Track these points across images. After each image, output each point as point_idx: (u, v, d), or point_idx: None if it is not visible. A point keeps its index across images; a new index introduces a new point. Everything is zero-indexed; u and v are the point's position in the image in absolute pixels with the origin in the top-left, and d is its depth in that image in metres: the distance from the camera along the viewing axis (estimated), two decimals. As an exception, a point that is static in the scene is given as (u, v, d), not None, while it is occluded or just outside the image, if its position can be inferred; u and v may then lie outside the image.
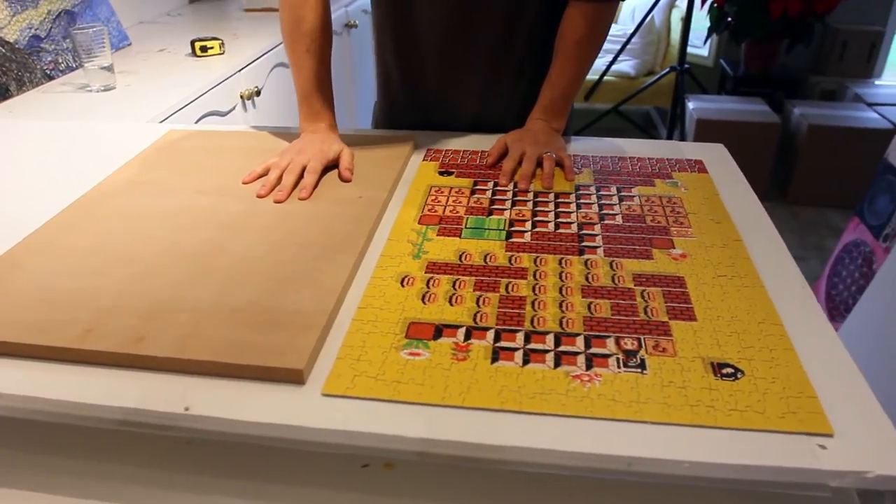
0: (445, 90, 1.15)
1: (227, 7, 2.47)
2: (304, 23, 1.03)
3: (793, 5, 2.98)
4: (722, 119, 2.92)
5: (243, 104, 1.72)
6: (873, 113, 3.04)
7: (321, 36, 1.04)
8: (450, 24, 1.08)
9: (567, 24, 1.05)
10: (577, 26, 1.04)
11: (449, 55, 1.12)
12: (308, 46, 1.03)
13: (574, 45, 1.04)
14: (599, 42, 1.07)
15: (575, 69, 1.06)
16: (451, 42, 1.10)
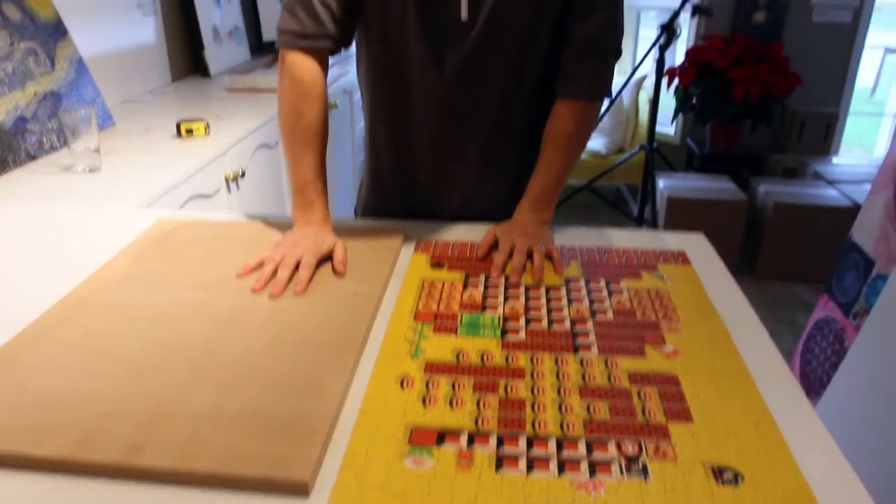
0: (436, 179, 1.18)
1: (209, 86, 2.52)
2: (303, 118, 1.06)
3: (753, 89, 3.14)
4: (692, 197, 3.02)
5: (227, 186, 1.73)
6: (833, 191, 3.17)
7: (319, 131, 1.07)
8: (443, 116, 1.12)
9: (556, 119, 1.10)
10: (566, 122, 1.09)
11: (441, 146, 1.15)
12: (306, 140, 1.06)
13: (562, 140, 1.09)
14: (586, 136, 1.12)
15: (563, 163, 1.10)
16: (445, 133, 1.14)
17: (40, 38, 1.79)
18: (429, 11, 1.04)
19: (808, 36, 3.60)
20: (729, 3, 3.56)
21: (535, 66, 1.10)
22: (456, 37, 1.05)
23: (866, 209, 2.21)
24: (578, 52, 1.07)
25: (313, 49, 1.07)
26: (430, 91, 1.10)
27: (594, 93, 1.09)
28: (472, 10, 1.03)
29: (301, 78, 1.06)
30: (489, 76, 1.09)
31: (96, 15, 2.11)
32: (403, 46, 1.08)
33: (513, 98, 1.11)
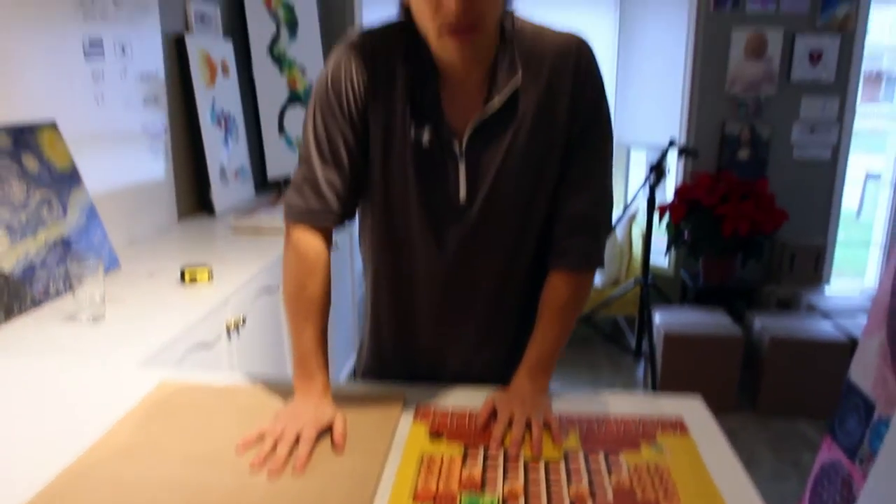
0: (436, 346, 1.21)
1: (214, 225, 2.59)
2: (306, 290, 1.10)
3: (742, 225, 3.24)
4: (688, 333, 3.04)
5: (228, 334, 1.75)
6: (828, 324, 3.19)
7: (322, 303, 1.11)
8: (444, 289, 1.16)
9: (550, 290, 1.14)
10: (560, 293, 1.13)
11: (442, 316, 1.19)
12: (308, 313, 1.10)
13: (558, 309, 1.13)
14: (581, 306, 1.16)
15: (558, 332, 1.13)
16: (445, 305, 1.18)
17: (55, 186, 1.87)
18: (429, 193, 1.10)
19: (791, 171, 3.75)
20: (713, 143, 3.74)
21: (531, 240, 1.15)
22: (455, 217, 1.11)
23: (862, 350, 2.22)
24: (570, 226, 1.12)
25: (318, 225, 1.12)
26: (431, 266, 1.15)
27: (587, 264, 1.14)
28: (471, 192, 1.10)
29: (305, 253, 1.11)
30: (487, 253, 1.14)
31: (108, 152, 2.20)
32: (405, 224, 1.13)
33: (510, 272, 1.16)
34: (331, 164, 1.11)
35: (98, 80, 2.12)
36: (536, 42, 1.09)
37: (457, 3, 0.95)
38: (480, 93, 1.09)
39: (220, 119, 2.87)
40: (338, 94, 1.09)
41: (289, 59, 3.33)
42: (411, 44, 1.08)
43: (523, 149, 1.09)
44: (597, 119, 1.11)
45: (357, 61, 1.09)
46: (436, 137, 1.08)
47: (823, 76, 3.61)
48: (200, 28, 2.78)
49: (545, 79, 1.08)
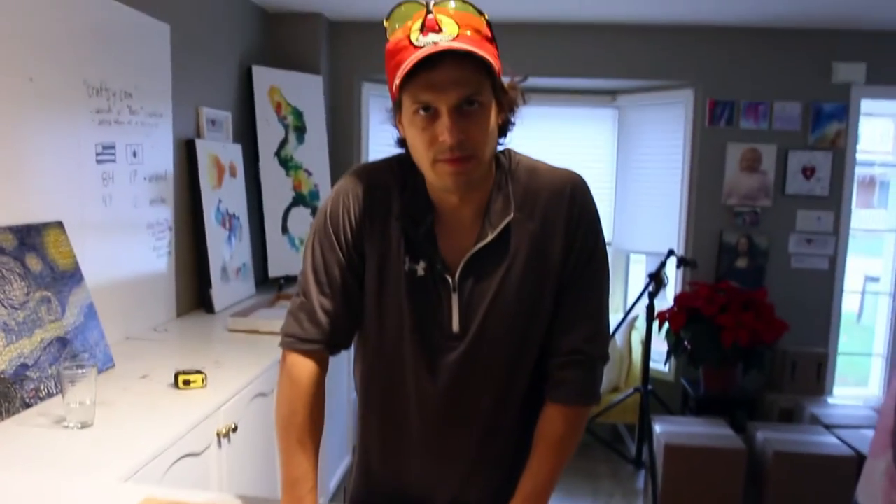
0: (425, 479, 1.18)
1: (212, 324, 2.58)
2: (297, 416, 1.10)
3: (742, 336, 3.22)
4: (689, 444, 2.97)
5: (218, 442, 1.71)
6: (832, 437, 3.12)
7: (314, 429, 1.11)
8: (435, 420, 1.14)
9: (546, 422, 1.12)
10: (556, 426, 1.11)
11: (432, 448, 1.17)
12: (299, 439, 1.09)
13: (553, 442, 1.11)
14: (577, 439, 1.14)
15: (553, 464, 1.11)
16: (436, 436, 1.16)
17: (56, 286, 1.87)
18: (422, 322, 1.11)
19: (790, 281, 3.77)
20: (712, 252, 3.78)
21: (526, 371, 1.14)
22: (448, 346, 1.11)
23: (868, 472, 2.16)
24: (565, 360, 1.12)
25: (312, 352, 1.13)
26: (423, 396, 1.14)
27: (583, 398, 1.13)
28: (464, 322, 1.10)
29: (299, 379, 1.12)
30: (480, 383, 1.13)
31: (112, 249, 2.22)
32: (398, 353, 1.13)
33: (504, 402, 1.15)
34: (327, 293, 1.13)
35: (108, 182, 2.17)
36: (532, 180, 1.12)
37: (451, 135, 0.98)
38: (474, 227, 1.11)
39: (225, 218, 2.91)
40: (335, 227, 1.13)
41: (295, 163, 3.41)
42: (408, 178, 1.12)
43: (517, 283, 1.10)
44: (592, 258, 1.12)
45: (354, 196, 1.13)
46: (430, 269, 1.10)
47: (817, 190, 3.70)
48: (211, 132, 2.87)
49: (539, 217, 1.10)
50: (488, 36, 1.04)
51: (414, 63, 0.97)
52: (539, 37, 3.71)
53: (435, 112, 1.00)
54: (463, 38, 0.99)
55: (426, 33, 0.98)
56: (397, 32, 1.03)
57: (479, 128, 1.02)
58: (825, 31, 3.61)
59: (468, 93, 1.00)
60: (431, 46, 0.97)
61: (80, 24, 2.00)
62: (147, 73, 2.37)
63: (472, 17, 1.02)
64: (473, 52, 0.98)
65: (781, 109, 3.67)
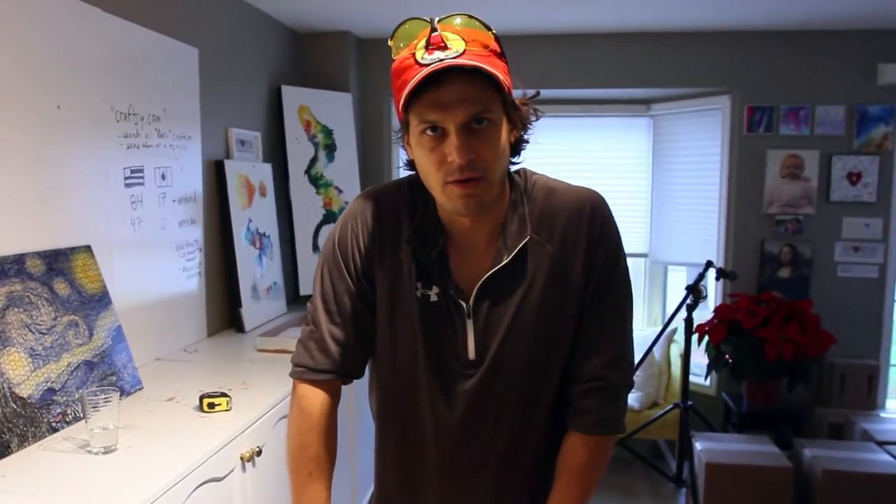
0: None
1: (242, 343, 2.59)
2: (308, 449, 1.09)
3: (786, 349, 3.10)
4: (732, 463, 2.86)
5: (242, 466, 1.70)
6: (885, 454, 2.98)
7: (324, 463, 1.09)
8: (453, 451, 1.11)
9: (568, 451, 1.08)
10: (579, 455, 1.07)
11: (450, 480, 1.13)
12: (310, 472, 1.08)
13: (576, 472, 1.07)
14: (601, 470, 1.09)
15: (577, 495, 1.07)
16: (454, 467, 1.12)
17: (84, 310, 1.89)
18: (437, 349, 1.08)
19: (837, 290, 3.62)
20: (754, 262, 3.66)
21: (547, 399, 1.10)
22: (464, 374, 1.08)
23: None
24: (586, 388, 1.08)
25: (323, 382, 1.11)
26: (439, 425, 1.10)
27: (606, 427, 1.08)
28: (480, 349, 1.06)
29: (309, 411, 1.10)
30: (499, 411, 1.09)
31: (142, 271, 2.24)
32: (413, 381, 1.10)
33: (524, 431, 1.10)
34: (337, 322, 1.11)
35: (136, 206, 2.20)
36: (549, 199, 1.08)
37: (460, 155, 0.95)
38: (489, 250, 1.07)
39: (255, 238, 2.93)
40: (344, 254, 1.11)
41: (325, 180, 3.43)
42: (418, 200, 1.09)
43: (535, 308, 1.05)
44: (613, 279, 1.08)
45: (363, 221, 1.10)
46: (443, 294, 1.06)
47: (864, 196, 3.55)
48: (241, 152, 2.90)
49: (558, 238, 1.06)
50: (497, 51, 1.00)
51: (419, 81, 0.93)
52: (572, 47, 3.66)
53: (443, 132, 0.96)
54: (470, 54, 0.95)
55: (431, 51, 0.95)
56: (403, 51, 1.00)
57: (490, 146, 0.98)
58: (869, 32, 3.47)
59: (477, 110, 0.96)
60: (437, 63, 0.93)
61: (107, 51, 2.03)
62: (175, 96, 2.40)
63: (479, 32, 0.98)
64: (480, 67, 0.94)
65: (824, 114, 3.54)
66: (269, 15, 3.20)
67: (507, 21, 3.34)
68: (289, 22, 3.40)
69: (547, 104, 1.08)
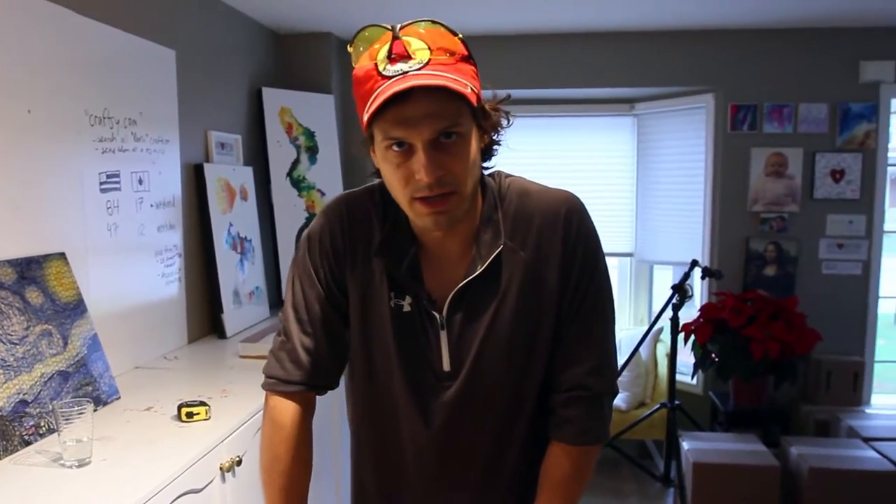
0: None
1: (223, 350, 2.55)
2: (279, 462, 1.06)
3: (772, 347, 3.10)
4: (719, 462, 2.85)
5: (222, 476, 1.66)
6: (871, 451, 2.98)
7: (298, 476, 1.06)
8: (432, 463, 1.08)
9: (551, 462, 1.05)
10: (562, 466, 1.04)
11: (430, 494, 1.10)
12: (282, 486, 1.05)
13: (558, 483, 1.04)
14: (586, 479, 1.06)
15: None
16: (434, 481, 1.09)
17: (58, 319, 1.85)
18: (411, 361, 1.05)
19: (822, 287, 3.63)
20: (739, 260, 3.66)
21: (526, 411, 1.06)
22: (440, 387, 1.05)
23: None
24: (568, 397, 1.04)
25: (295, 394, 1.08)
26: (417, 438, 1.07)
27: (588, 437, 1.05)
28: (455, 361, 1.03)
29: (281, 423, 1.07)
30: (477, 425, 1.06)
31: (119, 278, 2.19)
32: (388, 392, 1.07)
33: (503, 446, 1.07)
34: (309, 331, 1.08)
35: (113, 211, 2.15)
36: (523, 203, 1.04)
37: (428, 174, 0.91)
38: (462, 258, 1.03)
39: (237, 242, 2.89)
40: (314, 262, 1.08)
41: (308, 183, 3.39)
42: (389, 208, 1.05)
43: (511, 317, 1.02)
44: (592, 284, 1.04)
45: (332, 230, 1.07)
46: (416, 305, 1.03)
47: (848, 193, 3.56)
48: (221, 155, 2.86)
49: (532, 244, 1.02)
50: (464, 55, 0.94)
51: (381, 103, 0.88)
52: (555, 47, 3.64)
53: (409, 147, 0.92)
54: (435, 64, 0.90)
55: (394, 61, 0.90)
56: (363, 57, 0.94)
57: (459, 160, 0.93)
58: (851, 30, 3.48)
59: (444, 125, 0.91)
60: (400, 78, 0.88)
61: (80, 54, 1.99)
62: (152, 99, 2.36)
63: (444, 36, 0.93)
64: (446, 86, 0.88)
65: (807, 111, 3.55)
66: (248, 16, 3.16)
67: (491, 21, 3.31)
68: (269, 23, 3.36)
69: (531, 104, 1.06)
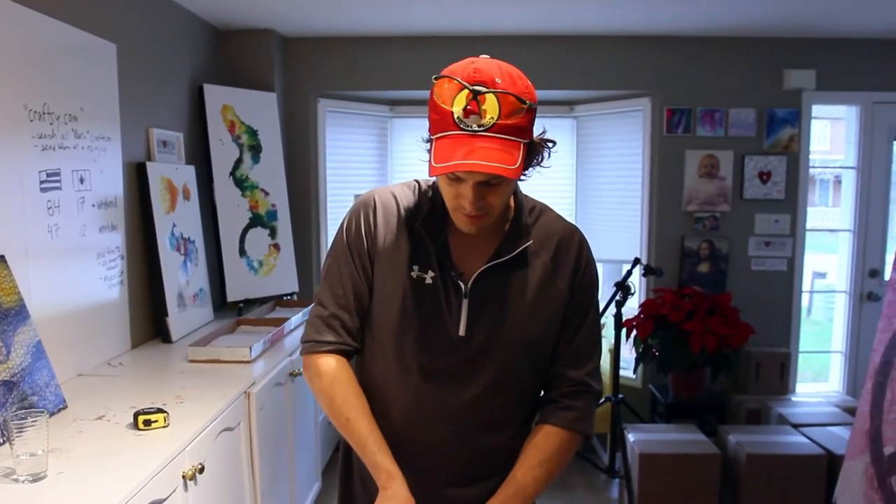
0: (412, 482, 1.19)
1: (170, 354, 2.46)
2: (335, 400, 1.19)
3: (710, 341, 3.23)
4: (664, 452, 2.95)
5: (185, 484, 1.61)
6: (801, 437, 3.15)
7: (354, 402, 1.19)
8: (429, 414, 1.21)
9: (542, 438, 1.20)
10: (551, 443, 1.19)
11: (422, 445, 1.22)
12: (348, 417, 1.19)
13: (545, 457, 1.18)
14: (564, 464, 1.21)
15: (538, 475, 1.17)
16: (427, 432, 1.22)
17: (0, 326, 1.74)
18: (427, 324, 1.18)
19: (751, 283, 3.81)
20: (675, 258, 3.80)
21: (517, 393, 1.23)
22: (451, 349, 1.18)
23: (846, 475, 2.17)
24: (574, 390, 1.21)
25: (332, 352, 1.23)
26: (420, 396, 1.20)
27: (582, 426, 1.21)
28: (469, 328, 1.17)
29: (326, 371, 1.21)
30: (475, 386, 1.19)
31: (60, 280, 2.09)
32: (399, 352, 1.20)
33: (497, 418, 1.21)
34: (342, 304, 1.23)
35: (53, 211, 2.05)
36: (546, 221, 1.25)
37: (472, 207, 1.10)
38: (488, 246, 1.19)
39: (180, 243, 2.80)
40: (350, 240, 1.24)
41: (251, 182, 3.31)
42: (425, 197, 1.23)
43: (527, 307, 1.19)
44: (592, 303, 1.25)
45: (367, 215, 1.23)
46: (441, 277, 1.18)
47: (774, 193, 3.75)
48: (163, 154, 2.76)
49: (551, 254, 1.21)
50: (527, 112, 1.08)
51: (449, 169, 1.04)
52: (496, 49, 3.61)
53: (462, 179, 1.09)
54: (501, 126, 1.04)
55: (467, 114, 1.04)
56: (444, 87, 1.06)
57: (499, 196, 1.11)
58: (776, 40, 3.67)
59: (494, 176, 1.07)
60: (467, 148, 1.02)
61: (17, 45, 1.88)
62: (93, 94, 2.25)
63: (512, 104, 1.06)
64: (500, 175, 1.03)
65: (736, 116, 3.72)
66: (188, 10, 3.06)
67: (432, 22, 3.33)
68: (209, 18, 3.26)
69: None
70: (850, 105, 3.84)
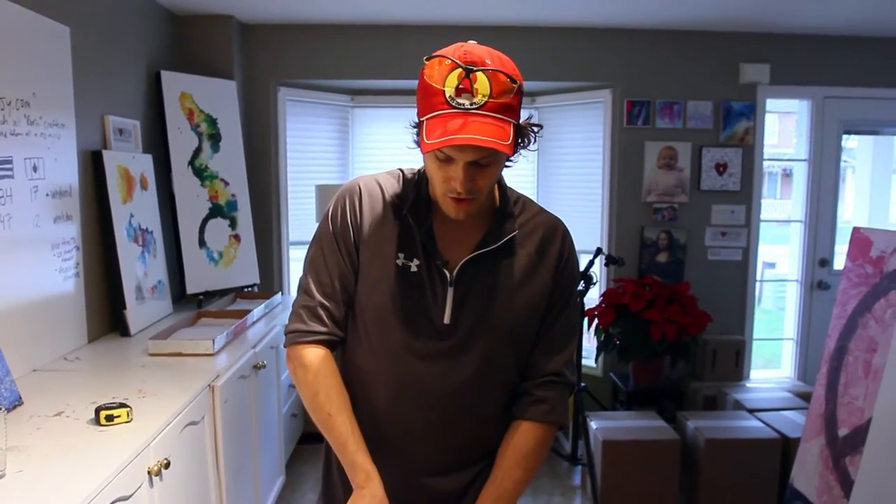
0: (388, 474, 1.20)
1: (129, 348, 2.40)
2: (318, 394, 1.18)
3: (670, 329, 3.30)
4: (626, 439, 3.01)
5: (150, 480, 1.57)
6: (756, 421, 3.24)
7: (337, 398, 1.19)
8: (412, 404, 1.21)
9: (517, 436, 1.20)
10: (528, 439, 1.19)
11: (402, 430, 1.23)
12: (329, 412, 1.18)
13: (522, 456, 1.19)
14: (542, 458, 1.23)
15: (518, 476, 1.18)
16: (415, 421, 1.22)
17: (-49, 320, 1.67)
18: (412, 311, 1.18)
19: (707, 272, 3.91)
20: (634, 248, 3.86)
21: (503, 380, 1.23)
22: (435, 336, 1.18)
23: (802, 457, 2.24)
24: (546, 381, 1.22)
25: (317, 342, 1.22)
26: (404, 384, 1.20)
27: (555, 417, 1.22)
28: (454, 316, 1.18)
29: (310, 363, 1.20)
30: (458, 374, 1.19)
31: (12, 271, 2.01)
32: (384, 337, 1.20)
33: (479, 407, 1.22)
34: (329, 294, 1.22)
35: (5, 201, 1.97)
36: (531, 213, 1.26)
37: (463, 187, 1.10)
38: (474, 235, 1.19)
39: (138, 234, 2.72)
40: (335, 228, 1.22)
41: (211, 172, 3.24)
42: (410, 185, 1.23)
43: (511, 295, 1.22)
44: (571, 296, 1.27)
45: (358, 197, 1.22)
46: (426, 265, 1.18)
47: (730, 185, 3.84)
48: (119, 142, 2.68)
49: (536, 246, 1.22)
50: (517, 93, 1.09)
51: (440, 145, 1.04)
52: (457, 39, 3.63)
53: (453, 159, 1.09)
54: (492, 105, 1.05)
55: (459, 92, 1.05)
56: (435, 68, 1.08)
57: (488, 177, 1.12)
58: (732, 34, 3.75)
59: (483, 156, 1.08)
60: (460, 123, 1.03)
61: (-34, 27, 1.80)
62: (46, 79, 2.17)
63: (503, 83, 1.08)
64: (493, 147, 1.03)
65: (694, 109, 3.79)
66: (143, -6, 2.98)
67: (394, 11, 3.30)
68: (166, 3, 3.18)
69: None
70: (802, 99, 3.96)
